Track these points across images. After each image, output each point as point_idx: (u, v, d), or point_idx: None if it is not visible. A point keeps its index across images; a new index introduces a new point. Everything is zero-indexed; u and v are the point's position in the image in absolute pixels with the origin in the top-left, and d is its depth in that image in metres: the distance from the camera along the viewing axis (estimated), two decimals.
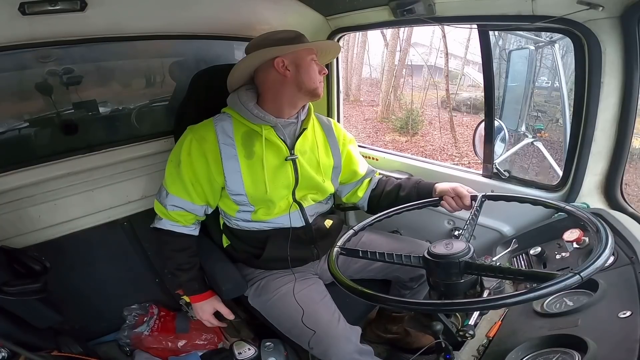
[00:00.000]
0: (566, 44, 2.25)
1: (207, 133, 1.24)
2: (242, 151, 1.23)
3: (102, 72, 1.71)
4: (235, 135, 1.24)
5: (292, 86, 1.23)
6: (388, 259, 0.89)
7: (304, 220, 1.34)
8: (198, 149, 1.22)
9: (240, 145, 1.23)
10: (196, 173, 1.23)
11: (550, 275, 0.66)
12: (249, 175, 1.23)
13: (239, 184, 1.24)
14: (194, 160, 1.23)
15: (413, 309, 0.77)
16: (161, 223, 1.29)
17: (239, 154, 1.23)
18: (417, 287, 1.47)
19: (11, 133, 1.55)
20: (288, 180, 1.28)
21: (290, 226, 1.32)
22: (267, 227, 1.33)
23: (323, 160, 1.35)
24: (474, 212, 1.02)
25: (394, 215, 1.10)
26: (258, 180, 1.24)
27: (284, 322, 1.30)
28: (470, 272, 0.80)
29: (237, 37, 1.79)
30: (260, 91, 1.28)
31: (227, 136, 1.24)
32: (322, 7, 1.68)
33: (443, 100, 8.50)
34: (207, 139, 1.23)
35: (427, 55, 10.40)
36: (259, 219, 1.31)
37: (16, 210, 1.46)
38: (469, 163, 5.89)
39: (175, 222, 1.28)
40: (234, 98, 1.27)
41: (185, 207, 1.27)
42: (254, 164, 1.24)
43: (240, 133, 1.24)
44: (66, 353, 1.33)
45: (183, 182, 1.24)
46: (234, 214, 1.32)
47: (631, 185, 4.19)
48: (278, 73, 1.22)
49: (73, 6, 1.23)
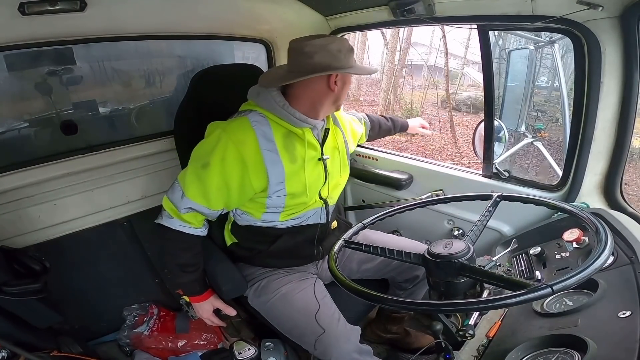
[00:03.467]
0: (566, 44, 2.25)
1: (247, 137, 1.15)
2: (285, 155, 1.18)
3: (101, 71, 1.71)
4: (275, 139, 1.18)
5: (332, 98, 1.22)
6: (389, 255, 0.90)
7: (326, 218, 1.35)
8: (235, 154, 1.13)
9: (283, 149, 1.18)
10: (226, 179, 1.15)
11: (525, 284, 0.67)
12: (292, 178, 1.21)
13: (282, 188, 1.21)
14: (227, 166, 1.13)
15: (413, 309, 0.78)
16: (170, 222, 1.20)
17: (282, 159, 1.18)
18: (412, 287, 1.47)
19: (11, 133, 1.55)
20: (320, 180, 1.28)
21: (318, 222, 1.33)
22: (288, 225, 1.31)
23: (342, 157, 1.37)
24: (486, 213, 0.97)
25: (395, 215, 1.10)
26: (300, 182, 1.22)
27: (284, 322, 1.30)
28: (464, 274, 0.80)
29: (237, 37, 1.79)
30: (297, 94, 1.20)
31: (268, 140, 1.17)
32: (322, 7, 1.68)
33: (443, 100, 8.49)
34: (246, 143, 1.14)
35: (427, 55, 10.39)
36: (287, 218, 1.30)
37: (16, 210, 1.46)
38: (468, 163, 5.88)
39: (187, 223, 1.20)
40: (267, 100, 1.19)
41: (200, 211, 1.19)
42: (296, 167, 1.21)
43: (279, 136, 1.19)
44: (66, 353, 1.33)
45: (205, 186, 1.15)
46: (260, 216, 1.28)
47: (631, 185, 4.19)
48: (327, 85, 1.18)
49: (73, 6, 1.23)
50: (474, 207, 1.22)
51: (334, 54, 1.14)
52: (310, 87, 1.19)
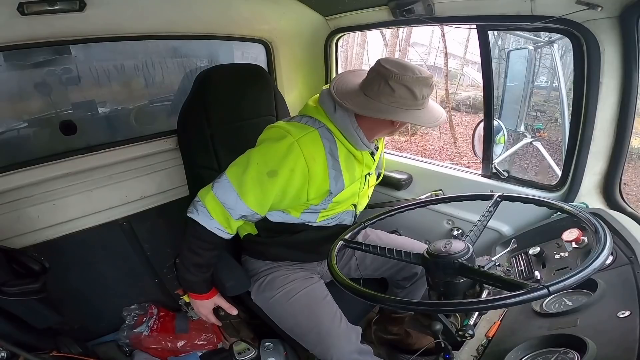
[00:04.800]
0: (565, 44, 2.26)
1: (318, 153, 1.14)
2: (347, 175, 1.21)
3: (100, 72, 1.71)
4: (340, 158, 1.19)
5: (389, 129, 1.22)
6: (389, 255, 0.90)
7: (353, 220, 1.38)
8: (304, 169, 1.12)
9: (345, 169, 1.20)
10: (288, 189, 1.14)
11: (522, 285, 0.68)
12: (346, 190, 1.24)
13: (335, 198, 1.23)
14: (294, 178, 1.12)
15: (412, 309, 0.78)
16: (208, 222, 1.14)
17: (344, 178, 1.20)
18: (410, 286, 1.48)
19: (10, 133, 1.55)
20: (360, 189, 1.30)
21: (346, 224, 1.35)
22: (320, 225, 1.32)
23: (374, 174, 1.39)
24: (486, 213, 0.97)
25: (395, 215, 1.10)
26: (350, 192, 1.25)
27: (286, 320, 1.30)
28: (462, 274, 0.80)
29: (237, 37, 1.79)
30: (363, 117, 1.18)
31: (334, 159, 1.18)
32: (321, 7, 1.68)
33: (442, 99, 8.49)
34: (316, 159, 1.14)
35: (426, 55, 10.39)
36: (323, 219, 1.31)
37: (15, 210, 1.45)
38: (468, 163, 5.88)
39: (225, 227, 1.15)
40: (343, 119, 1.16)
41: (250, 218, 1.18)
42: (353, 182, 1.24)
43: (342, 155, 1.20)
44: (65, 353, 1.33)
45: (265, 194, 1.13)
46: (299, 215, 1.28)
47: (630, 185, 4.20)
48: (391, 122, 1.18)
49: (72, 6, 1.23)
50: (474, 207, 1.22)
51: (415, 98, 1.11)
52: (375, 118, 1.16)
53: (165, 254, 1.75)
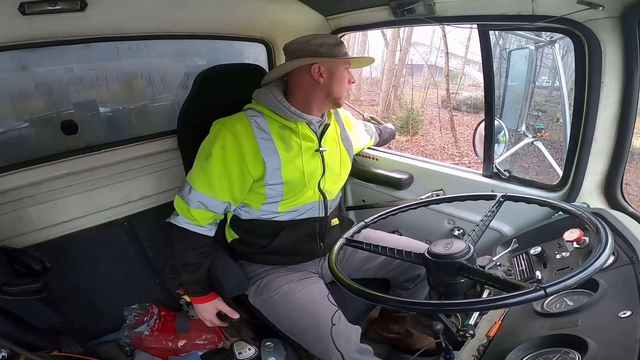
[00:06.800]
0: (566, 44, 2.25)
1: (243, 127, 1.22)
2: (280, 144, 1.24)
3: (101, 71, 1.71)
4: (271, 131, 1.24)
5: (322, 92, 1.27)
6: (390, 254, 0.90)
7: (324, 212, 1.37)
8: (234, 143, 1.20)
9: (278, 139, 1.24)
10: (227, 167, 1.21)
11: (520, 286, 0.68)
12: (288, 165, 1.25)
13: (278, 176, 1.24)
14: (227, 154, 1.20)
15: (412, 309, 0.78)
16: (177, 220, 1.26)
17: (278, 148, 1.24)
18: (413, 287, 1.47)
19: (12, 133, 1.55)
20: (318, 171, 1.32)
21: (316, 216, 1.36)
22: (287, 218, 1.33)
23: (343, 152, 1.41)
24: (489, 213, 0.97)
25: (397, 214, 1.10)
26: (297, 170, 1.27)
27: (285, 321, 1.30)
28: (462, 274, 0.80)
29: (238, 37, 1.79)
30: (292, 90, 1.29)
31: (263, 131, 1.23)
32: (322, 6, 1.68)
33: (443, 99, 8.49)
34: (243, 133, 1.21)
35: (427, 55, 10.40)
36: (286, 209, 1.32)
37: (16, 210, 1.46)
38: (469, 163, 5.88)
39: (191, 220, 1.24)
40: (266, 96, 1.27)
41: (207, 204, 1.23)
42: (292, 156, 1.26)
43: (275, 128, 1.25)
44: (66, 353, 1.33)
45: (209, 176, 1.21)
46: (260, 207, 1.31)
47: (631, 185, 4.19)
48: (312, 78, 1.24)
49: (73, 6, 1.23)
50: (475, 207, 1.22)
51: (314, 48, 1.23)
52: (299, 82, 1.26)
53: (166, 254, 1.75)
